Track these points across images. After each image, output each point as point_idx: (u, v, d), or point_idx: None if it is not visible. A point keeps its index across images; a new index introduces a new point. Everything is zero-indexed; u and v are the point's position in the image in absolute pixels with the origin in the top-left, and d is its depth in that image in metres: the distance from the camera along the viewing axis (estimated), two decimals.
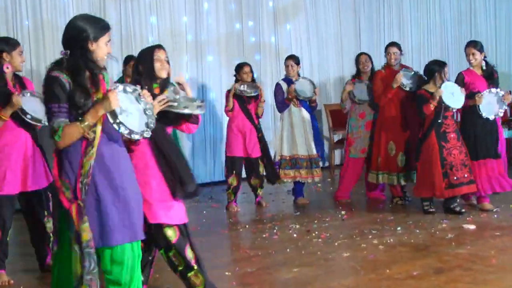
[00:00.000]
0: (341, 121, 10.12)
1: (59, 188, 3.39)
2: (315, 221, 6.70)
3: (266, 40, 10.07)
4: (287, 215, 7.17)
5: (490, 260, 5.06)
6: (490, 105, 6.68)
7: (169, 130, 4.21)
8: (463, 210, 6.76)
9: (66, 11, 8.02)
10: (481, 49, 6.83)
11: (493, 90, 6.74)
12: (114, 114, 3.33)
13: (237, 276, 4.95)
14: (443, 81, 6.66)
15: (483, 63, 6.85)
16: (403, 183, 7.34)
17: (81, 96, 3.34)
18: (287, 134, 7.68)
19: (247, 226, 6.66)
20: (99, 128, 3.37)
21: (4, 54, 4.89)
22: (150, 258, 4.35)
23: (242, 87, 7.51)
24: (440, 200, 6.92)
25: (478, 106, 6.62)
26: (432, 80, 6.72)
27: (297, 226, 6.52)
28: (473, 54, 6.79)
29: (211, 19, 9.47)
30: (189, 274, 4.13)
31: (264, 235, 6.20)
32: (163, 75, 4.10)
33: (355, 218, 6.83)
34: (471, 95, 6.65)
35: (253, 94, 7.53)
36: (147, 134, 3.50)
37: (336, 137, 10.37)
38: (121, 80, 7.31)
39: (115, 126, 3.33)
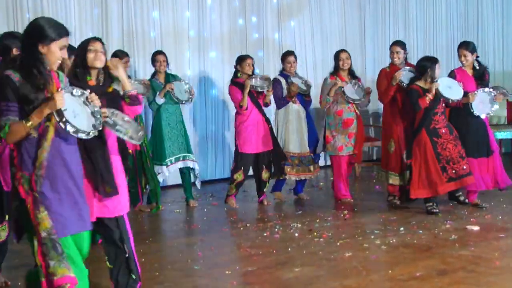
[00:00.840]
0: None
1: (19, 180, 3.52)
2: (317, 221, 6.64)
3: (270, 36, 10.01)
4: (289, 214, 7.11)
5: (494, 262, 5.00)
6: (482, 104, 6.80)
7: None
8: (437, 210, 6.77)
9: (67, 4, 7.96)
10: (472, 50, 6.94)
11: (487, 89, 6.84)
12: (60, 113, 3.46)
13: (238, 275, 4.90)
14: (434, 77, 6.69)
15: (476, 63, 6.96)
16: (398, 183, 7.28)
17: (30, 91, 3.45)
18: (281, 130, 7.68)
19: (248, 224, 6.60)
20: (52, 124, 3.51)
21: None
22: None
23: (255, 82, 7.40)
24: (442, 199, 6.93)
25: (471, 104, 6.73)
26: (424, 76, 6.74)
27: (299, 225, 6.47)
28: (464, 55, 6.91)
29: (214, 14, 9.41)
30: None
31: (265, 234, 6.14)
32: (97, 64, 4.10)
33: (358, 218, 6.77)
34: (464, 94, 6.71)
35: (267, 89, 7.44)
36: (94, 134, 3.63)
37: None
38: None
39: (61, 124, 3.47)
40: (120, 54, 7.12)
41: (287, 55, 7.80)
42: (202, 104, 9.27)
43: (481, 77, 6.95)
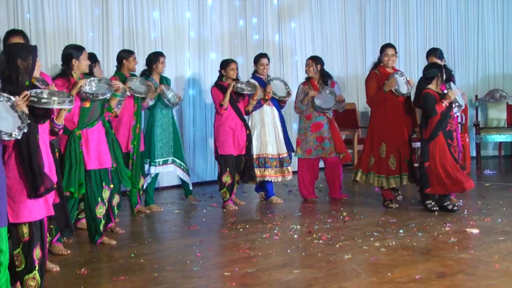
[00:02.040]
0: (344, 121, 10.09)
1: None
2: (316, 223, 6.63)
3: (270, 37, 10.01)
4: (288, 216, 7.10)
5: (494, 265, 4.98)
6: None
7: None
8: (436, 208, 6.91)
9: (67, 4, 7.95)
10: (440, 57, 7.35)
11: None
12: None
13: (237, 276, 4.88)
14: (443, 82, 6.91)
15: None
16: (393, 185, 7.30)
17: None
18: (257, 133, 7.72)
19: (247, 226, 6.59)
20: None
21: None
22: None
23: (241, 85, 7.46)
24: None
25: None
26: (434, 81, 6.89)
27: (298, 227, 6.46)
28: (435, 62, 7.17)
29: (215, 15, 9.41)
30: (26, 277, 4.24)
31: (264, 236, 6.13)
32: (38, 74, 4.40)
33: (357, 220, 6.76)
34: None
35: (251, 93, 7.50)
36: (16, 135, 3.93)
37: None
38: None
39: None
40: (124, 55, 7.15)
41: (260, 57, 7.85)
42: (202, 105, 9.27)
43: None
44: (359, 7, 10.97)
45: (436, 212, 6.90)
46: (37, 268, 4.25)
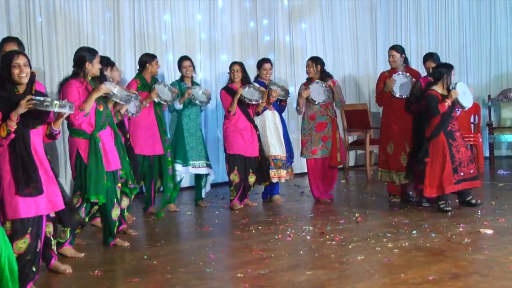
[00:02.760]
0: (356, 122, 10.07)
1: None
2: (329, 224, 6.62)
3: (281, 39, 10.01)
4: (301, 217, 7.09)
5: (508, 266, 4.94)
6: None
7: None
8: (449, 208, 6.93)
9: (79, 7, 7.98)
10: (437, 61, 7.39)
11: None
12: None
13: (250, 278, 4.87)
14: (450, 83, 6.92)
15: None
16: (403, 181, 7.41)
17: None
18: (260, 136, 7.77)
19: (260, 227, 6.58)
20: None
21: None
22: None
23: (247, 93, 7.51)
24: (454, 205, 7.00)
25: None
26: (440, 81, 6.95)
27: (311, 228, 6.45)
28: (432, 67, 7.25)
29: (225, 17, 9.42)
30: None
31: (277, 237, 6.12)
32: (23, 80, 4.38)
33: (370, 221, 6.74)
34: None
35: (258, 101, 7.56)
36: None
37: (350, 138, 10.29)
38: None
39: None
40: (147, 59, 7.20)
41: (263, 62, 7.93)
42: (213, 107, 9.28)
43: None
44: (370, 7, 10.94)
45: (450, 213, 6.87)
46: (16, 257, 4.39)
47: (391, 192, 7.61)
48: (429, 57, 7.47)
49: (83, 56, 5.58)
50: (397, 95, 7.31)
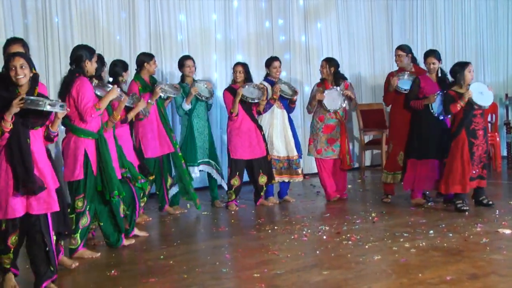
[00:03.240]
0: (372, 122, 10.03)
1: None
2: (345, 223, 6.59)
3: (296, 38, 9.99)
4: (317, 217, 7.08)
5: None
6: (440, 105, 7.15)
7: None
8: (466, 208, 6.94)
9: (95, 8, 8.01)
10: (439, 58, 7.37)
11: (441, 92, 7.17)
12: None
13: (266, 277, 4.86)
14: (463, 81, 6.95)
15: (439, 70, 7.35)
16: (397, 180, 7.55)
17: None
18: (266, 135, 7.77)
19: (276, 227, 6.57)
20: None
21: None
22: None
23: (247, 92, 7.50)
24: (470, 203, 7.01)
25: (431, 105, 7.12)
26: (457, 80, 7.02)
27: (327, 228, 6.42)
28: (433, 63, 7.28)
29: (241, 17, 9.41)
30: (2, 255, 4.56)
31: (293, 237, 6.10)
32: (21, 82, 4.40)
33: (386, 221, 6.71)
34: (425, 98, 7.16)
35: (256, 101, 7.55)
36: None
37: (366, 138, 10.25)
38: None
39: None
40: (145, 58, 7.17)
41: (273, 61, 7.90)
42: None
43: (442, 82, 7.29)
44: (386, 6, 10.90)
45: (467, 213, 6.83)
46: (12, 251, 4.53)
47: (386, 191, 7.71)
48: (431, 53, 7.39)
49: (82, 54, 5.51)
50: (403, 90, 7.34)
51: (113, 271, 5.09)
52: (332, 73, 7.77)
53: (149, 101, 6.88)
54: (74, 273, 5.15)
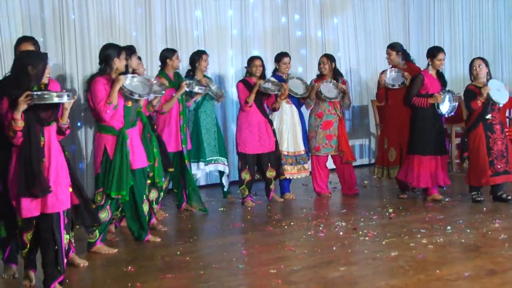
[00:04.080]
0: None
1: None
2: (362, 219, 6.57)
3: (313, 34, 9.95)
4: (333, 213, 7.06)
5: None
6: (445, 104, 7.28)
7: None
8: (481, 199, 7.13)
9: (111, 3, 8.02)
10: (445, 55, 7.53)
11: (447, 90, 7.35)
12: None
13: (282, 274, 4.86)
14: (474, 75, 7.14)
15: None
16: (392, 176, 7.66)
17: None
18: (275, 130, 7.74)
19: (292, 223, 6.56)
20: None
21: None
22: None
23: (266, 85, 7.49)
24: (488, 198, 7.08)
25: (437, 104, 7.22)
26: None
27: (343, 224, 6.41)
28: (443, 59, 7.44)
29: (257, 12, 9.39)
30: (21, 251, 4.66)
31: (309, 233, 6.09)
32: (46, 81, 4.51)
33: (403, 217, 6.68)
34: (430, 95, 7.25)
35: (276, 93, 7.53)
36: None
37: None
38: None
39: None
40: (167, 54, 7.17)
41: (283, 56, 7.92)
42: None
43: (442, 78, 7.46)
44: (402, 2, 10.82)
45: (485, 209, 6.80)
46: (28, 247, 4.59)
47: (401, 187, 7.73)
48: (441, 49, 7.46)
49: (110, 53, 5.61)
50: (390, 86, 7.49)
51: (130, 267, 5.11)
52: (332, 69, 7.85)
53: (173, 94, 6.88)
54: (91, 268, 5.17)
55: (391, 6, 10.69)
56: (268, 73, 7.88)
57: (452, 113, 7.34)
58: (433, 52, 7.38)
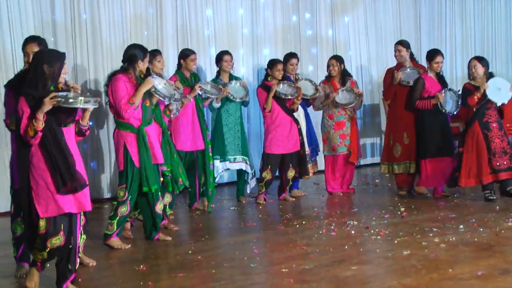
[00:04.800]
0: None
1: None
2: (374, 218, 6.55)
3: (323, 33, 9.93)
4: (345, 212, 7.04)
5: None
6: (448, 102, 7.31)
7: None
8: (494, 197, 7.13)
9: (122, 4, 8.03)
10: (443, 57, 7.57)
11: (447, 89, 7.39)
12: None
13: (294, 273, 4.85)
14: (472, 75, 7.20)
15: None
16: (397, 171, 7.72)
17: None
18: (301, 129, 7.75)
19: (303, 222, 6.55)
20: None
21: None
22: None
23: (282, 89, 7.51)
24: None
25: (440, 103, 7.22)
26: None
27: (355, 222, 6.39)
28: (441, 62, 7.46)
29: (268, 11, 9.39)
30: (38, 252, 4.47)
31: (321, 232, 6.08)
32: (63, 80, 4.46)
33: (415, 216, 6.65)
34: (432, 97, 7.28)
35: (294, 96, 7.53)
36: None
37: None
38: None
39: None
40: (182, 55, 7.18)
41: (290, 57, 7.92)
42: (256, 101, 9.19)
43: (442, 80, 7.51)
44: (414, 1, 10.79)
45: (498, 207, 6.78)
46: (48, 251, 4.41)
47: (399, 184, 7.82)
48: (439, 52, 7.48)
49: (136, 54, 5.63)
50: (406, 83, 7.50)
51: (141, 266, 5.11)
52: (340, 71, 7.86)
53: (187, 96, 6.89)
54: (103, 267, 5.18)
55: (402, 4, 10.67)
56: None
57: (458, 109, 7.34)
58: (431, 55, 7.43)
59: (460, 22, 11.18)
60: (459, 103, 7.27)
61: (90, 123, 7.57)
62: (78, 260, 4.60)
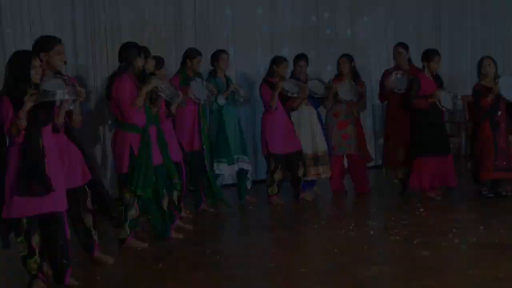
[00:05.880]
0: None
1: None
2: (393, 219, 6.50)
3: (342, 32, 9.88)
4: (363, 212, 7.00)
5: None
6: (445, 100, 7.30)
7: None
8: (491, 195, 7.31)
9: (141, 2, 8.03)
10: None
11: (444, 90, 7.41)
12: None
13: (313, 273, 4.82)
14: (483, 73, 7.27)
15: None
16: (400, 177, 7.67)
17: None
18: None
19: (322, 222, 6.51)
20: None
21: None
22: None
23: (287, 86, 7.42)
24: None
25: (439, 101, 7.18)
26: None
27: (374, 223, 6.35)
28: (439, 62, 7.46)
29: (286, 10, 9.35)
30: (29, 260, 4.46)
31: (339, 232, 6.04)
32: (37, 81, 4.37)
33: (435, 216, 6.59)
34: (427, 97, 7.22)
35: (297, 95, 7.44)
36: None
37: None
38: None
39: None
40: (187, 55, 7.13)
41: (299, 59, 7.81)
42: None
43: (439, 80, 7.47)
44: (434, 1, 10.71)
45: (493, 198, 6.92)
46: (37, 253, 4.45)
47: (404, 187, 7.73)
48: (437, 53, 7.46)
49: (132, 51, 5.61)
50: (397, 90, 7.47)
51: (160, 265, 5.10)
52: (351, 69, 7.83)
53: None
54: (120, 266, 5.19)
55: (422, 3, 10.58)
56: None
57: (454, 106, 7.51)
58: (429, 56, 7.40)
59: (480, 23, 11.07)
60: (453, 100, 7.38)
61: None
62: (71, 253, 4.65)
